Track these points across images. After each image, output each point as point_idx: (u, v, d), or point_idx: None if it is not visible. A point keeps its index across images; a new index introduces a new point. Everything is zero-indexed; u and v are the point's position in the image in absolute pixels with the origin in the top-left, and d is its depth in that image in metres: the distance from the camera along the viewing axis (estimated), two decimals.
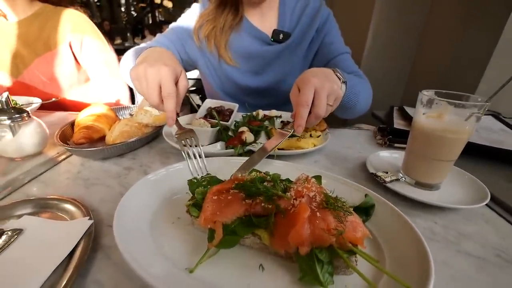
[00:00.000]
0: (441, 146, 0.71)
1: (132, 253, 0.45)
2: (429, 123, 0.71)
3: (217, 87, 1.38)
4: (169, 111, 0.69)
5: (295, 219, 0.47)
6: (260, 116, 1.10)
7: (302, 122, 0.70)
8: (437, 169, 0.75)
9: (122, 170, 0.82)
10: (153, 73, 0.70)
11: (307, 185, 0.52)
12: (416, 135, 0.76)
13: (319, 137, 0.97)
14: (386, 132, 1.11)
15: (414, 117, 0.77)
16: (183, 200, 0.64)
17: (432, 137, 0.71)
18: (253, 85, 1.31)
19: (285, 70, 1.28)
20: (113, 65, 1.54)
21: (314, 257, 0.46)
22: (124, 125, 0.92)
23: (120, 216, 0.52)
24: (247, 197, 0.53)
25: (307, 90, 0.69)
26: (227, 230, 0.50)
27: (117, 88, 1.56)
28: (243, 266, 0.49)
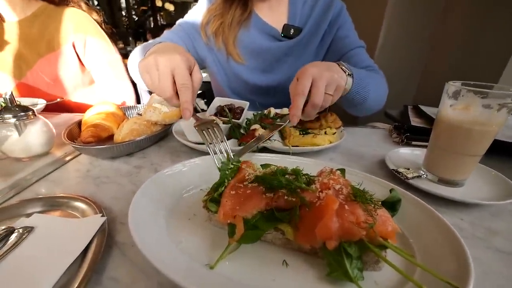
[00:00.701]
0: (468, 139, 0.69)
1: (150, 249, 0.44)
2: (456, 115, 0.69)
3: (225, 86, 1.38)
4: (186, 102, 0.66)
5: (323, 211, 0.46)
6: (272, 114, 1.09)
7: (297, 112, 0.69)
8: (463, 164, 0.73)
9: (133, 168, 0.81)
10: (165, 61, 0.67)
11: (333, 177, 0.51)
12: (441, 128, 0.74)
13: (334, 134, 0.96)
14: (402, 130, 1.09)
15: (439, 109, 0.75)
16: (199, 196, 0.63)
17: (459, 129, 0.69)
18: (261, 84, 1.31)
19: (296, 67, 1.27)
20: (118, 66, 1.55)
21: (343, 252, 0.45)
22: (133, 123, 0.92)
23: (135, 212, 0.52)
24: (268, 190, 0.52)
25: (303, 79, 0.69)
26: (248, 225, 0.49)
27: (123, 90, 1.57)
28: (265, 262, 0.48)
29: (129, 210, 0.51)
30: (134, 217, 0.50)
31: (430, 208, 0.55)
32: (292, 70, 1.28)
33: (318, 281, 0.45)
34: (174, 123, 1.01)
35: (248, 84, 1.32)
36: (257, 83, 1.31)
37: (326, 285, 0.44)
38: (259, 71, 1.30)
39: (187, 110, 0.68)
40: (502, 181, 0.75)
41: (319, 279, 0.45)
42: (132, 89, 1.61)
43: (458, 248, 0.46)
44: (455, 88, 0.69)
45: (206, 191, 0.66)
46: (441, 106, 0.75)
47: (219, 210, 0.50)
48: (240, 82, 1.33)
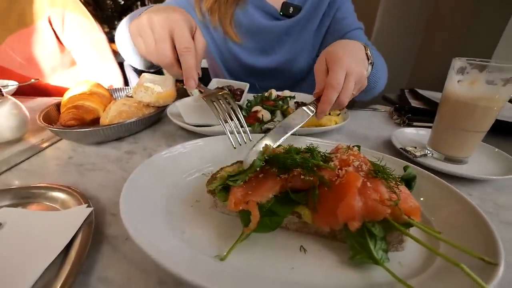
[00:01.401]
0: (474, 115, 0.68)
1: (148, 241, 0.37)
2: (463, 91, 0.67)
3: (222, 67, 1.28)
4: (189, 68, 0.55)
5: (345, 190, 0.41)
6: (274, 96, 1.02)
7: (327, 108, 0.59)
8: (468, 141, 0.71)
9: (123, 154, 0.72)
10: (162, 21, 0.54)
11: (353, 153, 0.46)
12: (448, 104, 0.72)
13: (338, 115, 0.91)
14: (403, 111, 1.07)
15: (446, 86, 0.73)
16: (201, 181, 0.56)
17: (466, 105, 0.68)
18: (260, 65, 1.23)
19: (295, 48, 1.20)
20: (102, 46, 1.40)
21: (366, 233, 0.40)
22: (122, 104, 0.82)
23: (127, 200, 0.44)
24: (282, 171, 0.46)
25: (339, 71, 0.58)
26: (263, 211, 0.43)
27: (108, 72, 1.43)
28: (281, 249, 0.43)
29: (120, 198, 0.43)
30: (127, 205, 0.42)
31: (449, 186, 0.51)
32: (292, 52, 1.21)
33: (341, 266, 0.40)
34: (169, 104, 0.91)
35: (246, 66, 1.24)
36: (255, 65, 1.23)
37: (349, 270, 0.40)
38: (258, 52, 1.22)
39: (191, 79, 0.56)
40: (503, 158, 0.76)
41: (341, 263, 0.41)
42: (118, 71, 1.47)
43: (482, 224, 0.43)
44: (462, 64, 0.67)
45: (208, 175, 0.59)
46: (448, 83, 0.72)
47: (230, 198, 0.44)
48: (237, 64, 1.24)
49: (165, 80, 0.90)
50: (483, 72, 0.64)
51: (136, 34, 0.60)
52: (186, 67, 0.57)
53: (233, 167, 0.57)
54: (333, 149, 0.52)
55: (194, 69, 0.57)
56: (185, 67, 0.57)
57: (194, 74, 0.57)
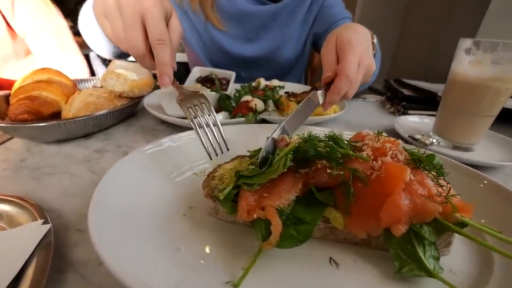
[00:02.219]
0: (486, 97, 0.63)
1: (131, 268, 0.26)
2: (474, 72, 0.62)
3: (204, 57, 1.15)
4: (163, 65, 0.46)
5: (387, 186, 0.32)
6: (262, 85, 0.93)
7: (337, 99, 0.52)
8: (477, 126, 0.67)
9: (92, 153, 0.58)
10: (132, 3, 0.45)
11: (389, 139, 0.37)
12: (456, 88, 0.67)
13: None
14: (396, 100, 1.02)
15: (453, 69, 0.67)
16: (193, 181, 0.45)
17: (476, 88, 0.63)
18: (245, 54, 1.12)
19: (282, 36, 1.11)
20: (64, 34, 1.20)
21: (413, 238, 0.32)
22: (89, 95, 0.67)
23: (100, 212, 0.33)
24: (301, 165, 0.36)
25: (354, 61, 0.51)
26: (283, 219, 0.32)
27: (71, 63, 1.23)
28: (307, 264, 0.33)
29: (89, 209, 0.31)
30: (99, 219, 0.31)
31: (485, 176, 0.44)
32: (278, 39, 1.12)
33: (385, 282, 0.31)
34: (145, 95, 0.77)
35: (231, 55, 1.12)
36: (241, 53, 1.12)
37: (396, 285, 0.31)
38: (243, 39, 1.11)
39: (165, 75, 0.47)
40: (510, 144, 0.72)
41: (385, 278, 0.32)
42: (83, 63, 1.27)
43: None
44: (469, 44, 0.62)
45: (201, 174, 0.48)
46: (455, 65, 0.67)
47: (240, 204, 0.33)
48: (221, 53, 1.12)
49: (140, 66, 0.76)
50: (495, 51, 0.59)
51: (102, 15, 0.49)
52: (159, 62, 0.46)
53: (234, 163, 0.46)
54: (353, 138, 0.43)
55: (168, 64, 0.46)
56: (158, 62, 0.46)
57: (168, 70, 0.47)
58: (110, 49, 0.79)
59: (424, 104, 0.97)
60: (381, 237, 0.34)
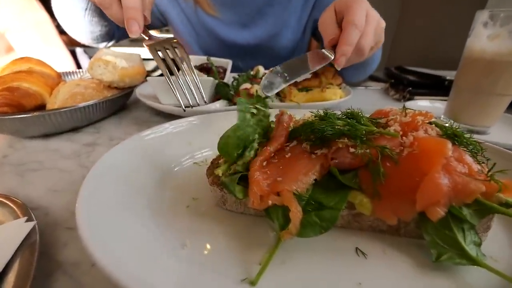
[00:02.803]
0: (503, 74, 0.59)
1: (129, 269, 0.22)
2: (490, 47, 0.59)
3: (196, 46, 1.10)
4: (132, 8, 0.40)
5: (425, 163, 0.28)
6: (261, 73, 0.88)
7: (348, 50, 0.47)
8: (493, 106, 0.64)
9: (82, 147, 0.54)
10: None
11: (420, 112, 0.34)
12: (472, 65, 0.63)
13: (340, 87, 0.81)
14: (401, 86, 0.99)
15: (469, 44, 0.64)
16: (196, 171, 0.41)
17: (493, 63, 0.59)
18: (240, 41, 1.07)
19: (280, 21, 1.06)
20: (46, 27, 1.14)
21: (451, 222, 0.28)
22: (75, 85, 0.62)
23: (90, 206, 0.28)
24: (317, 145, 0.32)
25: (359, 9, 0.48)
26: (302, 204, 0.29)
27: (56, 58, 1.17)
28: (332, 256, 0.29)
29: (77, 204, 0.27)
30: (90, 214, 0.27)
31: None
32: (277, 26, 1.07)
33: (421, 272, 0.28)
34: (137, 85, 0.72)
35: (224, 42, 1.07)
36: (235, 41, 1.07)
37: (435, 276, 0.28)
38: (237, 25, 1.05)
39: (133, 21, 0.41)
40: None
41: (421, 268, 0.28)
42: (69, 57, 1.21)
43: None
44: (488, 17, 0.59)
45: (202, 164, 0.44)
46: (472, 41, 0.64)
47: (251, 189, 0.29)
48: (213, 40, 1.07)
49: (131, 54, 0.71)
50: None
51: None
52: (127, 6, 0.41)
53: None
54: (374, 113, 0.40)
55: (138, 9, 0.41)
56: (126, 5, 0.41)
57: (137, 15, 0.41)
58: (87, 27, 0.74)
59: (431, 89, 0.94)
60: (412, 223, 0.31)
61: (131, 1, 0.41)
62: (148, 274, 0.24)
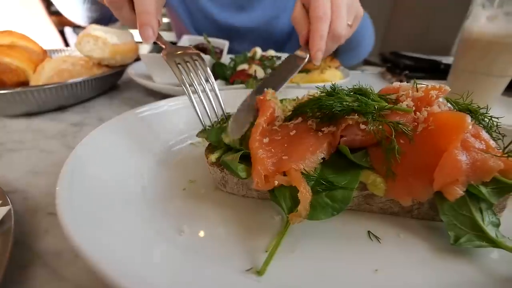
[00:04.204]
0: (500, 55, 0.56)
1: (118, 258, 0.18)
2: (489, 28, 0.55)
3: (192, 28, 1.02)
4: (145, 13, 0.36)
5: (442, 139, 0.25)
6: (258, 55, 0.82)
7: (321, 44, 0.45)
8: (491, 87, 0.61)
9: (68, 127, 0.48)
10: None
11: (433, 86, 0.30)
12: (470, 46, 0.59)
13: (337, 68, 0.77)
14: (398, 70, 0.95)
15: (467, 26, 0.60)
16: (193, 151, 0.37)
17: (491, 44, 0.56)
18: (237, 24, 1.00)
19: (278, 4, 0.99)
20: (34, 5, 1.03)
21: (469, 202, 0.25)
22: (62, 62, 0.55)
23: (73, 189, 0.24)
24: (324, 123, 0.28)
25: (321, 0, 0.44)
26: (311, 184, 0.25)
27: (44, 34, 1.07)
28: (342, 241, 0.26)
29: (57, 186, 0.22)
30: (72, 197, 0.22)
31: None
32: (275, 9, 0.99)
33: (440, 256, 0.25)
34: (129, 63, 0.65)
35: (220, 25, 0.99)
36: (232, 24, 0.99)
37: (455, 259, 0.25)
38: (233, 8, 0.98)
39: (147, 26, 0.36)
40: None
41: (438, 251, 0.26)
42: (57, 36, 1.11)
43: None
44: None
45: (199, 145, 0.39)
46: (470, 22, 0.60)
47: (255, 168, 0.25)
48: (208, 22, 0.99)
49: (122, 31, 0.63)
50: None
51: None
52: (141, 11, 0.36)
53: None
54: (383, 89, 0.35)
55: (152, 14, 0.36)
56: (139, 10, 0.36)
57: (152, 20, 0.36)
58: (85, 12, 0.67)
59: (427, 73, 0.91)
60: (426, 204, 0.28)
61: (145, 5, 0.36)
62: (140, 265, 0.20)
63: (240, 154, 0.27)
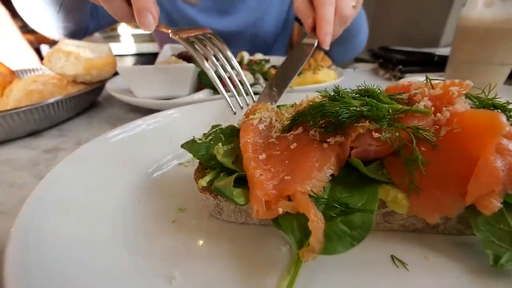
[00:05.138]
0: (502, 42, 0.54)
1: None
2: (486, 14, 0.54)
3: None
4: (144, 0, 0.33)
5: (473, 144, 0.21)
6: (246, 59, 0.79)
7: (328, 28, 0.45)
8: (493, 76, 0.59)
9: (41, 154, 0.43)
10: None
11: (453, 82, 0.26)
12: (468, 35, 0.58)
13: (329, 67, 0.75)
14: (391, 66, 0.93)
15: (464, 14, 0.59)
16: (180, 174, 0.33)
17: (491, 31, 0.54)
18: (222, 28, 0.97)
19: (262, 6, 0.97)
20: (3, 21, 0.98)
21: (506, 214, 0.22)
22: (31, 82, 0.51)
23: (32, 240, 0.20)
24: (330, 132, 0.25)
25: None
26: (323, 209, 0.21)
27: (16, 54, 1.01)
28: (365, 271, 0.22)
29: (7, 249, 0.18)
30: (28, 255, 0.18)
31: None
32: (259, 11, 0.97)
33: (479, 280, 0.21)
34: (108, 78, 0.61)
35: None
36: (217, 28, 0.96)
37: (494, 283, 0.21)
38: (217, 12, 0.95)
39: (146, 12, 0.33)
40: None
41: (476, 274, 0.22)
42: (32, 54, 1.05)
43: None
44: None
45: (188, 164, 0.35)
46: (467, 9, 0.58)
47: (252, 194, 0.21)
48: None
49: (97, 45, 0.59)
50: None
51: None
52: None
53: None
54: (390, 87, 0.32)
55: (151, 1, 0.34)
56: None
57: (150, 5, 0.33)
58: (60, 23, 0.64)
59: (421, 66, 0.89)
60: (453, 219, 0.24)
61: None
62: None
63: (235, 177, 0.23)
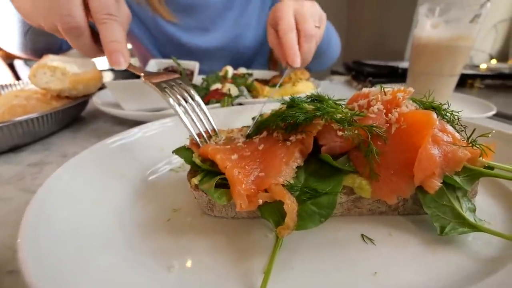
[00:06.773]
0: (449, 56, 0.65)
1: None
2: (434, 33, 0.65)
3: (157, 52, 1.03)
4: (115, 41, 0.35)
5: (416, 136, 0.27)
6: (230, 73, 0.85)
7: (294, 50, 0.50)
8: (444, 86, 0.69)
9: (25, 169, 0.44)
10: None
11: (399, 89, 0.33)
12: (421, 51, 0.68)
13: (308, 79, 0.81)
14: (362, 77, 1.04)
15: (416, 34, 0.69)
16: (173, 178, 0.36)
17: (440, 48, 0.65)
18: (203, 45, 1.02)
19: (241, 23, 1.04)
20: None
21: (446, 193, 0.27)
22: (14, 97, 0.51)
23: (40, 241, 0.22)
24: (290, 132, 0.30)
25: (285, 15, 0.51)
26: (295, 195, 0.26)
27: None
28: (338, 248, 0.26)
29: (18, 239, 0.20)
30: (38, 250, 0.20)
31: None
32: (238, 28, 1.04)
33: (431, 248, 0.26)
34: (94, 92, 0.62)
35: (187, 48, 1.01)
36: (198, 45, 1.02)
37: (445, 250, 0.26)
38: (198, 30, 1.01)
39: (118, 53, 0.35)
40: (472, 100, 0.75)
41: (429, 243, 0.27)
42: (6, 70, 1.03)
43: None
44: (427, 9, 0.65)
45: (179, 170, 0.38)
46: (418, 31, 0.69)
47: (235, 191, 0.25)
48: (173, 45, 1.01)
49: (83, 59, 0.61)
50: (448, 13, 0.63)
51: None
52: (109, 40, 0.35)
53: None
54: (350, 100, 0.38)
55: (122, 42, 0.36)
56: (108, 39, 0.35)
57: (122, 47, 0.36)
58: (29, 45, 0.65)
59: (388, 77, 1.00)
60: (410, 200, 0.30)
61: (114, 34, 0.35)
62: None
63: (217, 180, 0.27)
